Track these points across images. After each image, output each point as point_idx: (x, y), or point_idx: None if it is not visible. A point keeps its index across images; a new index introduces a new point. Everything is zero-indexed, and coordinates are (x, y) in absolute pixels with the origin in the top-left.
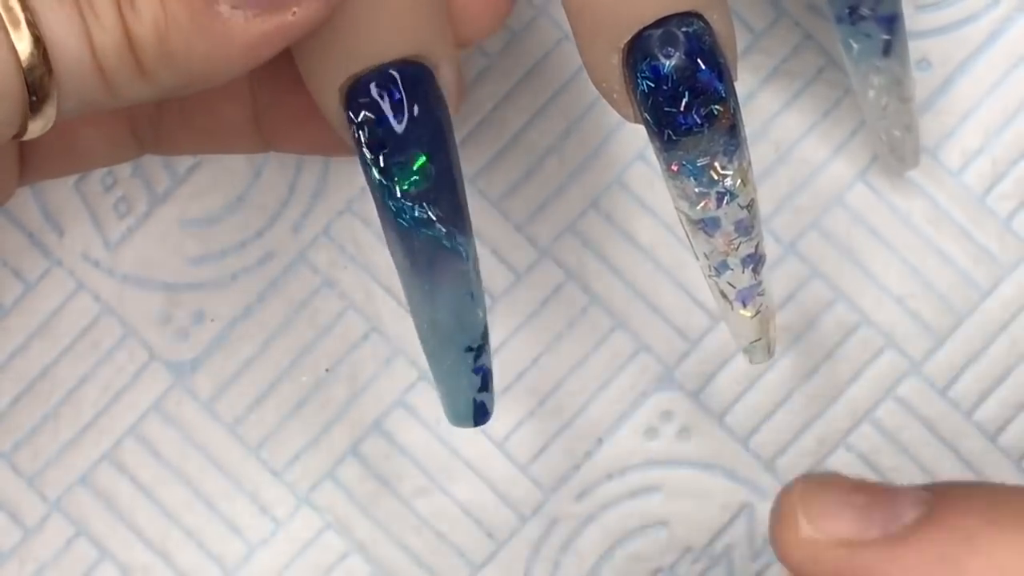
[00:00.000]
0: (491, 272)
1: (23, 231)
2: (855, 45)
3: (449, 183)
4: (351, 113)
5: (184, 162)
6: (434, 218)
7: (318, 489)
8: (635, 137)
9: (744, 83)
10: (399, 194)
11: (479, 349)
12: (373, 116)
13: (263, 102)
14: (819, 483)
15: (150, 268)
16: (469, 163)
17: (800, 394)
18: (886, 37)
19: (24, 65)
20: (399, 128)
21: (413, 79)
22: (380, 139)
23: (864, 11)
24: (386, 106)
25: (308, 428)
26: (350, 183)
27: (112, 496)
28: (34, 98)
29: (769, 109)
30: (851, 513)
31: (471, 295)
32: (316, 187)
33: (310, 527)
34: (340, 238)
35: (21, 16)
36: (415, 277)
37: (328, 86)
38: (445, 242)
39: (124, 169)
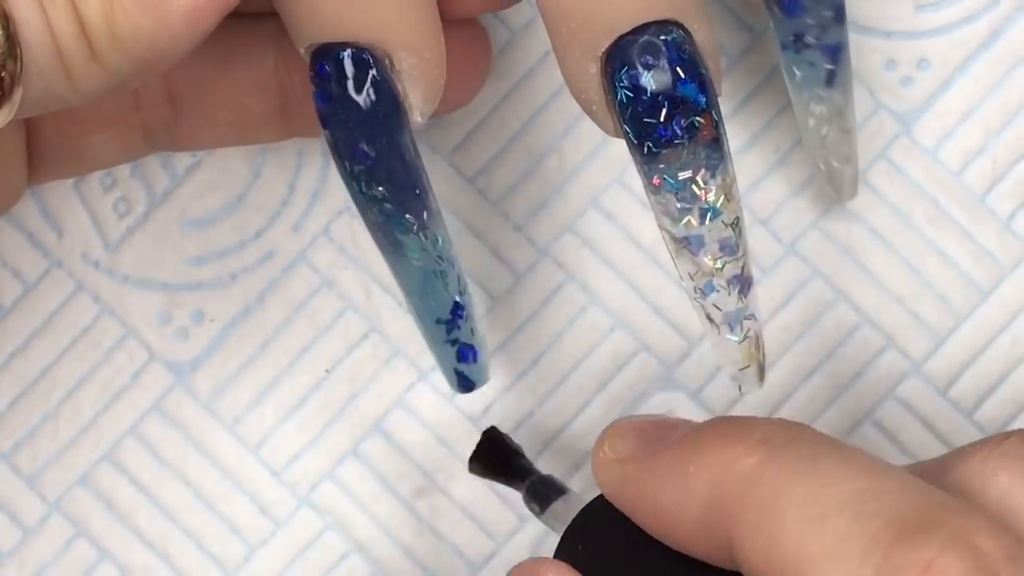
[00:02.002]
0: (491, 272)
1: (23, 231)
2: (798, 73)
3: (396, 165)
4: (311, 80)
5: (184, 162)
6: (381, 197)
7: (318, 489)
8: None
9: (744, 84)
10: (348, 170)
11: (449, 323)
12: (316, 89)
13: (292, 92)
14: (629, 419)
15: (150, 268)
16: (469, 163)
17: (800, 394)
18: (830, 67)
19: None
20: (339, 107)
21: (359, 62)
22: (324, 113)
23: (809, 39)
24: (330, 84)
25: (308, 428)
26: None
27: (112, 496)
28: (2, 75)
29: (769, 110)
30: (635, 438)
31: (435, 273)
32: (316, 187)
33: (310, 527)
34: (340, 238)
35: None
36: (382, 253)
37: (299, 48)
38: (399, 221)
39: (123, 169)
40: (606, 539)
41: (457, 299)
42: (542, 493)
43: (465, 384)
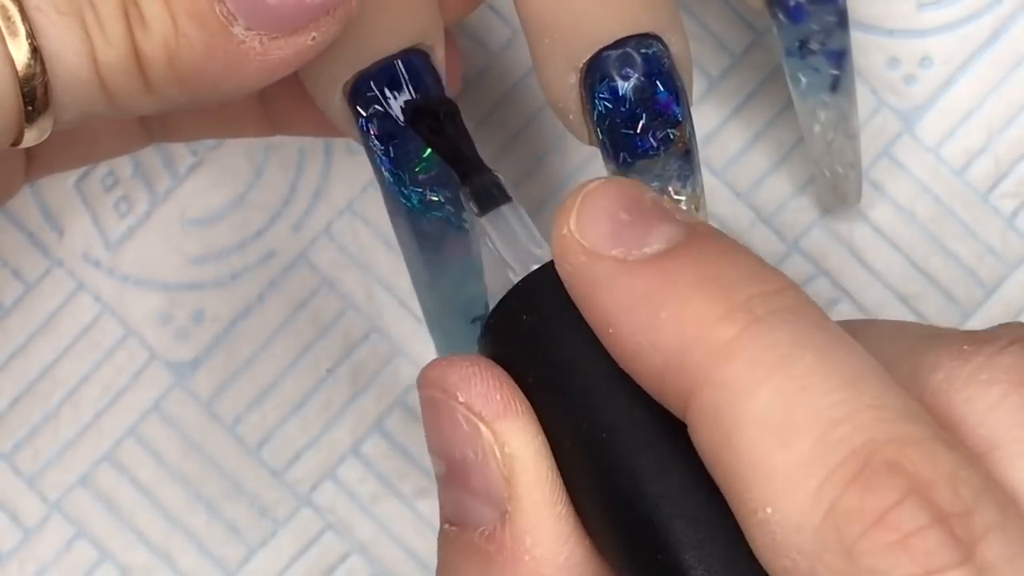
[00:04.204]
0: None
1: (23, 231)
2: (803, 79)
3: None
4: (358, 107)
5: (185, 161)
6: (443, 200)
7: (318, 489)
8: None
9: (747, 81)
10: (409, 181)
11: (482, 318)
12: (381, 109)
13: (269, 87)
14: (605, 188)
15: (150, 268)
16: None
17: None
18: (835, 72)
19: (20, 75)
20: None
21: (415, 68)
22: (389, 131)
23: (814, 45)
24: (392, 98)
25: (308, 428)
26: (351, 182)
27: (112, 497)
28: (30, 108)
29: (772, 108)
30: (607, 226)
31: (475, 268)
32: (317, 186)
33: (310, 527)
34: (341, 238)
35: (21, 27)
36: (423, 256)
37: (332, 84)
38: (453, 220)
39: (125, 169)
40: (543, 324)
41: (487, 297)
42: (488, 193)
43: None
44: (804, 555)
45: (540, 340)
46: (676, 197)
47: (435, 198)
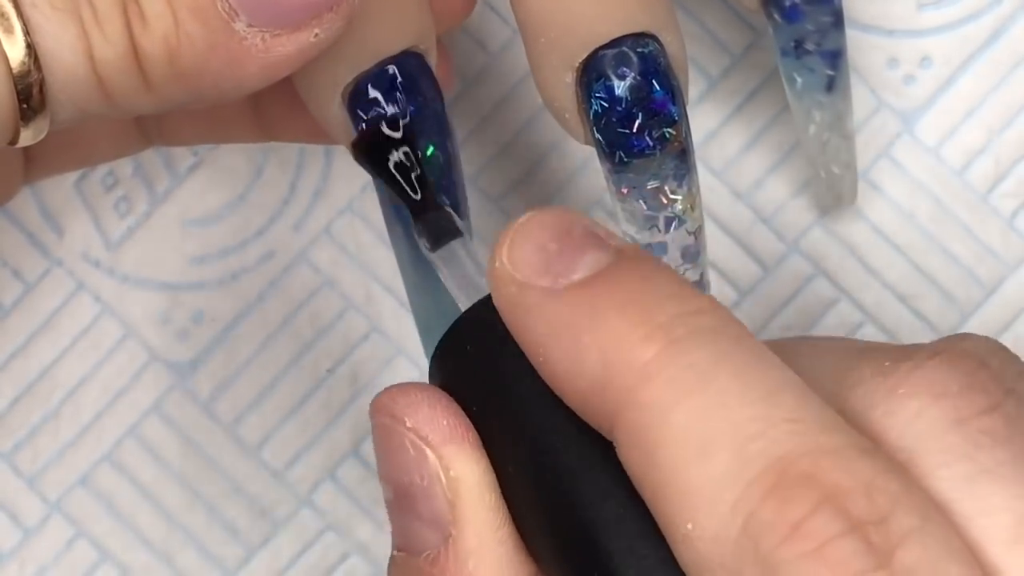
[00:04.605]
0: None
1: (23, 231)
2: (799, 79)
3: (456, 169)
4: (359, 111)
5: (185, 161)
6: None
7: (318, 490)
8: None
9: (747, 81)
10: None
11: None
12: (382, 111)
13: (262, 92)
14: (535, 220)
15: (150, 268)
16: (469, 163)
17: None
18: (830, 73)
19: (15, 72)
20: (406, 122)
21: (413, 71)
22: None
23: (809, 46)
24: (392, 102)
25: (308, 428)
26: (351, 182)
27: (112, 497)
28: (25, 106)
29: (772, 108)
30: (537, 257)
31: (473, 271)
32: (317, 186)
33: (310, 528)
34: (341, 237)
35: (16, 23)
36: (415, 259)
37: (331, 88)
38: (453, 226)
39: (125, 169)
40: (486, 354)
41: None
42: (440, 227)
43: None
44: (725, 569)
45: (482, 369)
46: (672, 196)
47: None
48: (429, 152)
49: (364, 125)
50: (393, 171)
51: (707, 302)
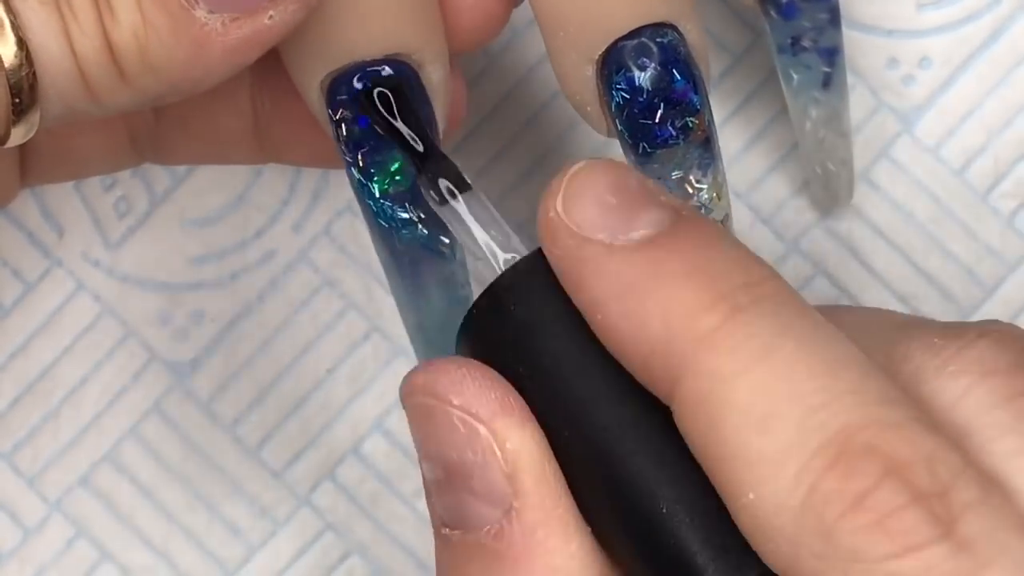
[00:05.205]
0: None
1: (23, 231)
2: (795, 76)
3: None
4: (331, 110)
5: None
6: (416, 220)
7: (318, 489)
8: None
9: (747, 81)
10: (377, 194)
11: None
12: (350, 114)
13: (263, 114)
14: (591, 170)
15: (150, 268)
16: (469, 163)
17: None
18: (826, 69)
19: (8, 67)
20: (377, 127)
21: (394, 78)
22: (357, 138)
23: (806, 42)
24: (365, 104)
25: (308, 428)
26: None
27: (112, 497)
28: (17, 101)
29: (771, 108)
30: (595, 210)
31: (457, 298)
32: (317, 186)
33: (310, 528)
34: (341, 237)
35: (5, 18)
36: (400, 278)
37: (310, 82)
38: (428, 244)
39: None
40: (532, 313)
41: None
42: (447, 179)
43: None
44: (786, 538)
45: (530, 330)
46: (697, 186)
47: (405, 215)
48: (397, 164)
49: (335, 128)
50: (391, 120)
51: (768, 271)
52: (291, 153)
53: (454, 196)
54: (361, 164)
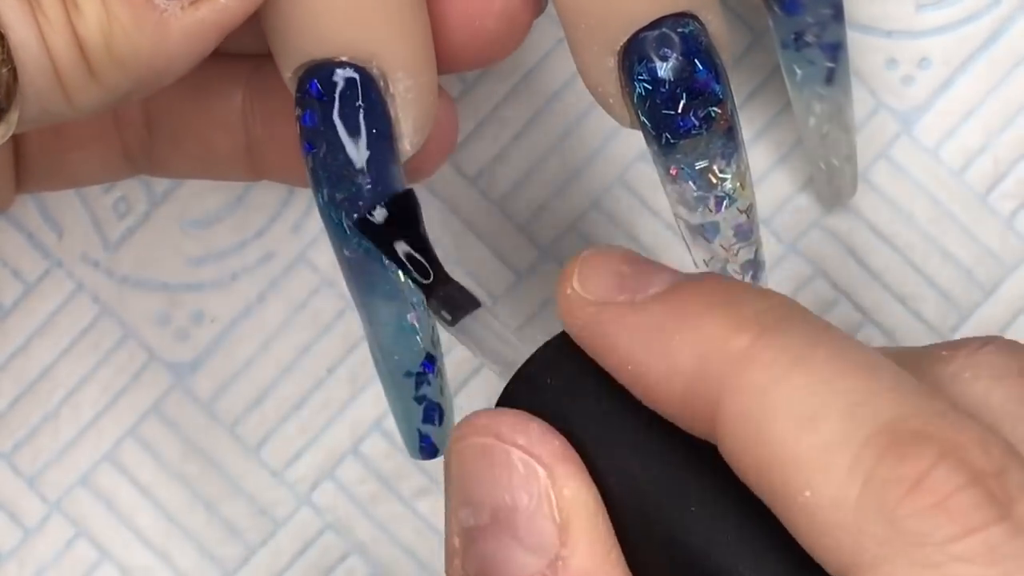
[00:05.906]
0: (492, 272)
1: (23, 231)
2: (799, 71)
3: (383, 196)
4: (296, 104)
5: None
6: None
7: (318, 489)
8: (636, 137)
9: (746, 83)
10: (328, 198)
11: (419, 377)
12: (303, 111)
13: (255, 135)
14: (602, 251)
15: (150, 268)
16: (469, 163)
17: None
18: (830, 65)
19: None
20: (326, 129)
21: (351, 83)
22: (310, 137)
23: (809, 38)
24: (318, 104)
25: (308, 428)
26: None
27: (112, 497)
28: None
29: (770, 109)
30: (611, 279)
31: (408, 319)
32: None
33: (310, 527)
34: None
35: None
36: (353, 290)
37: (283, 75)
38: (374, 255)
39: None
40: (568, 383)
41: (430, 351)
42: (455, 300)
43: (428, 449)
44: (846, 530)
45: (566, 398)
46: (721, 176)
47: (351, 223)
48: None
49: (297, 122)
50: (402, 259)
51: (787, 298)
52: (282, 173)
53: (464, 315)
54: (313, 164)
